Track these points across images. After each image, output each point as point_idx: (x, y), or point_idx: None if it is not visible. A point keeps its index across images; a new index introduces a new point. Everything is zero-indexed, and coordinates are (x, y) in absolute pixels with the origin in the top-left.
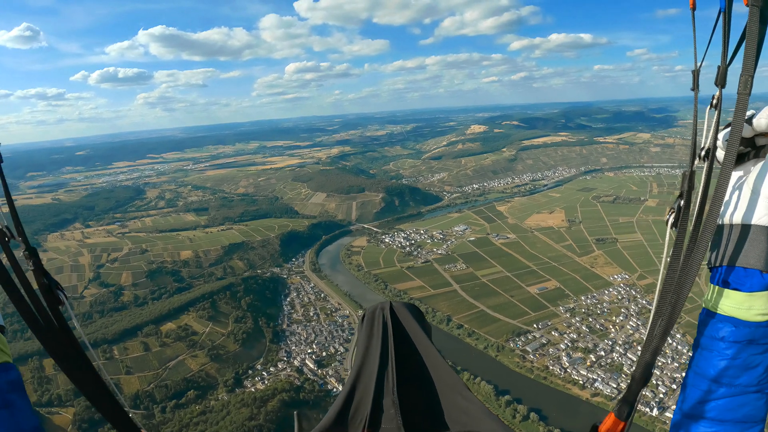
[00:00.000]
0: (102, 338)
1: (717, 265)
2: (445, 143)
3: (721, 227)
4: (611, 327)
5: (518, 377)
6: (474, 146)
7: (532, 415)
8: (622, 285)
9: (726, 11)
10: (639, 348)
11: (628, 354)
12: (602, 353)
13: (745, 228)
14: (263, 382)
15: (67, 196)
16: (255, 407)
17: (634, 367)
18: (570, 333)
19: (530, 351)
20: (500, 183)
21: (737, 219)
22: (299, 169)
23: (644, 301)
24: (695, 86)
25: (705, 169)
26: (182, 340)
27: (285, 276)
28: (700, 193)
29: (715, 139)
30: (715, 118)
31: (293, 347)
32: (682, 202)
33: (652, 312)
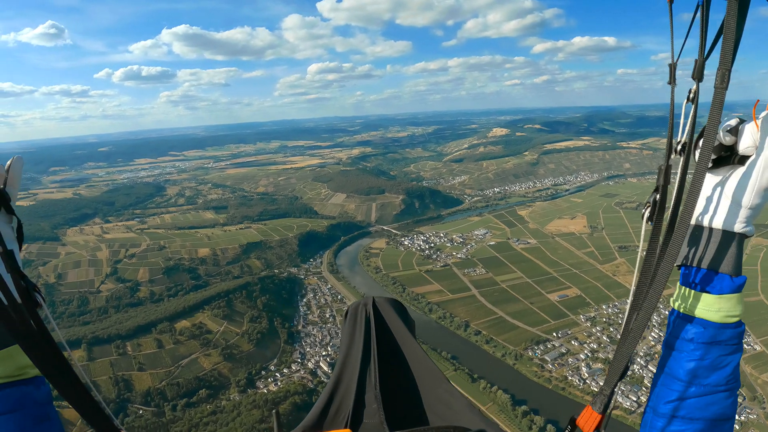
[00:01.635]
0: (116, 333)
1: (688, 264)
2: (466, 146)
3: (695, 228)
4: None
5: (536, 387)
6: (495, 149)
7: (549, 426)
8: None
9: (704, 4)
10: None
11: (649, 366)
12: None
13: (717, 232)
14: (276, 384)
15: (88, 191)
16: (266, 409)
17: (611, 361)
18: (590, 343)
19: (549, 360)
20: (521, 187)
21: (711, 223)
22: (320, 169)
23: (666, 312)
24: (672, 80)
25: (681, 164)
26: (196, 338)
27: (302, 276)
28: (675, 189)
29: (692, 133)
30: (691, 112)
31: (308, 349)
32: (658, 197)
33: (628, 306)
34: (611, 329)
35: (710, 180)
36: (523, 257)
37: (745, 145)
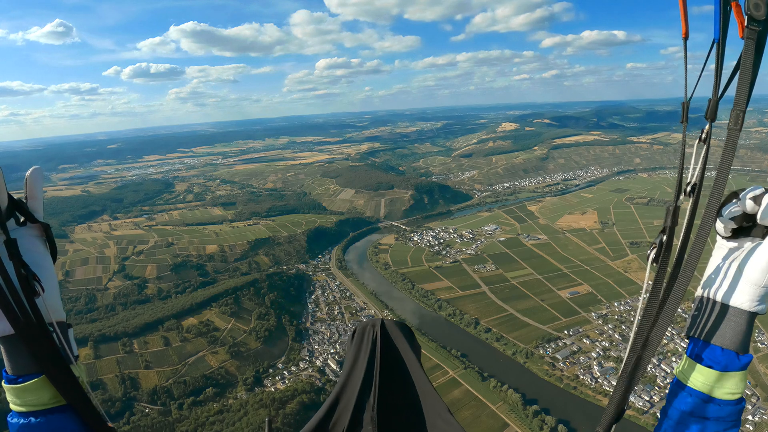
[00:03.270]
0: (123, 331)
1: (695, 336)
2: (475, 141)
3: (705, 300)
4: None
5: (547, 386)
6: (505, 144)
7: (561, 427)
8: None
9: (720, 42)
10: (674, 359)
11: (661, 365)
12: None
13: (727, 308)
14: (283, 382)
15: (96, 188)
16: (273, 409)
17: (607, 405)
18: (602, 341)
19: (560, 359)
20: (531, 182)
21: (720, 296)
22: (328, 165)
23: (679, 309)
24: (684, 118)
25: (689, 205)
26: (203, 336)
27: (310, 273)
28: (683, 231)
29: (703, 174)
30: (703, 152)
31: (316, 346)
32: (665, 238)
33: (628, 348)
34: (623, 327)
35: (726, 252)
36: (534, 253)
37: (765, 217)
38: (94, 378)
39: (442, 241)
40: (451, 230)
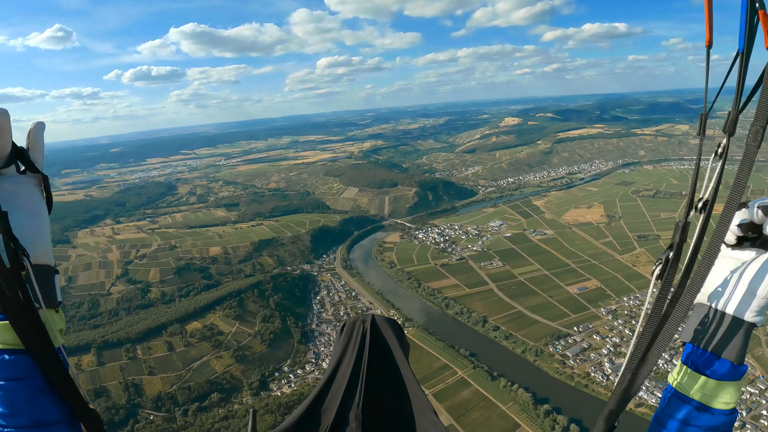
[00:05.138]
0: (126, 337)
1: (691, 343)
2: (478, 136)
3: (703, 307)
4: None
5: (558, 384)
6: (508, 139)
7: (573, 426)
8: None
9: (744, 53)
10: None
11: (673, 361)
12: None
13: (727, 317)
14: (290, 386)
15: (99, 193)
16: (279, 414)
17: (597, 419)
18: (612, 337)
19: (570, 356)
20: (536, 176)
21: (720, 305)
22: (331, 164)
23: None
24: (701, 131)
25: (700, 222)
26: (207, 340)
27: (315, 273)
28: (690, 249)
29: (716, 190)
30: (718, 167)
31: (322, 348)
32: (671, 254)
33: (624, 363)
34: (633, 322)
35: (730, 261)
36: (540, 248)
37: None
38: (97, 385)
39: (447, 238)
40: (456, 227)
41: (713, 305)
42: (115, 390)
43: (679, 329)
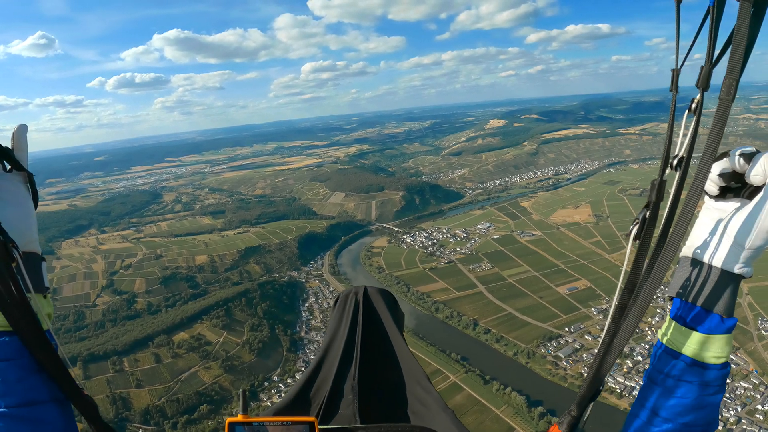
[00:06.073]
0: (112, 349)
1: (679, 297)
2: (464, 139)
3: (692, 261)
4: (647, 329)
5: (551, 386)
6: (494, 141)
7: None
8: None
9: (715, 6)
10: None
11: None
12: (639, 358)
13: (715, 270)
14: (280, 395)
15: (83, 202)
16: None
17: (583, 382)
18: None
19: (563, 357)
20: (522, 178)
21: (709, 259)
22: (317, 169)
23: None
24: (674, 87)
25: (676, 179)
26: (195, 351)
27: (303, 280)
28: (668, 207)
29: (692, 147)
30: (692, 123)
31: (312, 356)
32: (648, 213)
33: (606, 325)
34: None
35: (715, 213)
36: (529, 250)
37: (754, 174)
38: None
39: (435, 241)
40: (444, 230)
41: (699, 258)
42: (102, 404)
43: (665, 285)
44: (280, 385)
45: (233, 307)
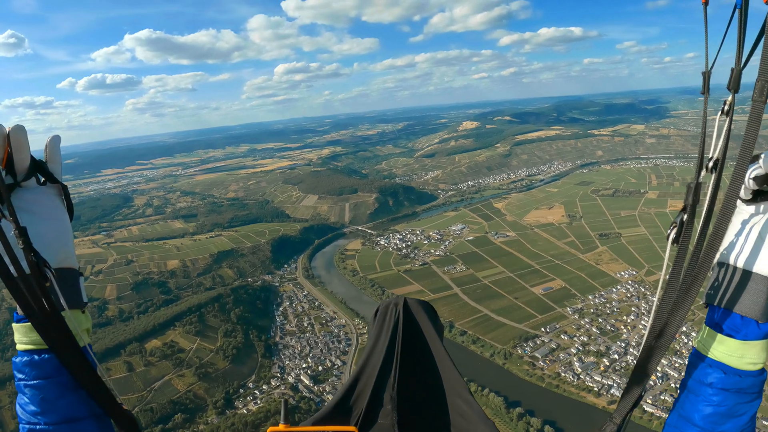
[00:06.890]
0: None
1: (715, 304)
2: (437, 140)
3: (725, 266)
4: (623, 327)
5: (529, 386)
6: (467, 143)
7: (547, 428)
8: (630, 282)
9: (742, 8)
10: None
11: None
12: (615, 356)
13: (749, 275)
14: (256, 402)
15: None
16: None
17: (625, 387)
18: (580, 336)
19: (540, 357)
20: (495, 179)
21: (741, 263)
22: (290, 171)
23: (654, 299)
24: (705, 89)
25: (712, 182)
26: (168, 359)
27: (277, 284)
28: (705, 210)
29: (725, 149)
30: (725, 125)
31: (287, 362)
32: (686, 217)
33: (647, 329)
34: (600, 320)
35: (747, 216)
36: (503, 251)
37: None
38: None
39: (409, 243)
40: (418, 232)
41: (733, 263)
42: None
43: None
44: (256, 392)
45: (206, 312)
